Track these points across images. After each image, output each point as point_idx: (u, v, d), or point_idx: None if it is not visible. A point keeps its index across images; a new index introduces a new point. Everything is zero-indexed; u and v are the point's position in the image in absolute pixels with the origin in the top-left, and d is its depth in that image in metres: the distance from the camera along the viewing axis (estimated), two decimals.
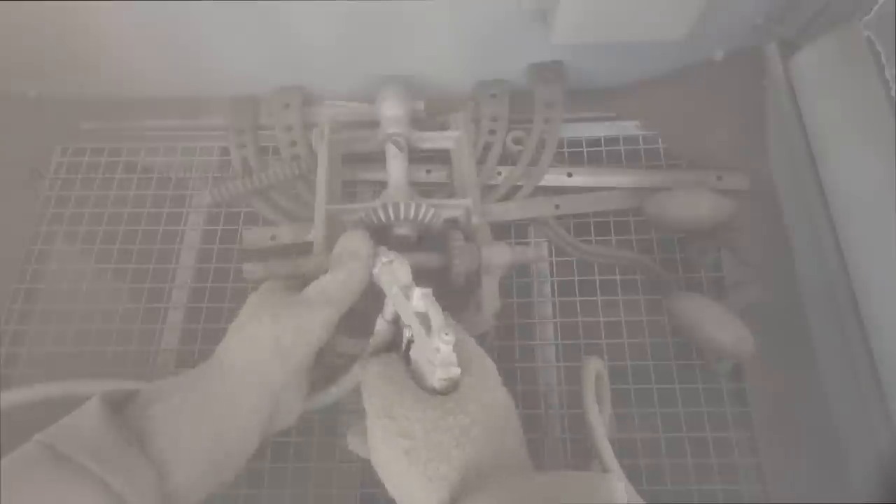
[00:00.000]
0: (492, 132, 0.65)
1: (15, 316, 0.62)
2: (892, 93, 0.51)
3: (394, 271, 0.44)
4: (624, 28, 0.54)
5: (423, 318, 0.39)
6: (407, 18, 0.58)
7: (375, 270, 0.45)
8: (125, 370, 0.59)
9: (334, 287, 0.43)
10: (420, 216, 0.53)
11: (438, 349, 0.36)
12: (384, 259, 0.45)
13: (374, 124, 0.63)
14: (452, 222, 0.58)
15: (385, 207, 0.52)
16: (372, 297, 0.48)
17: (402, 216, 0.53)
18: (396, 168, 0.59)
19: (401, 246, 0.54)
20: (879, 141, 0.51)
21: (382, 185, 0.59)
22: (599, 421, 0.43)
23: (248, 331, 0.41)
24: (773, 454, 0.54)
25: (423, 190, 0.65)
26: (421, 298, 0.40)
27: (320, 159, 0.60)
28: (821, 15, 0.57)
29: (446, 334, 0.36)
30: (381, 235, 0.55)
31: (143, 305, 0.62)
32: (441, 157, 0.65)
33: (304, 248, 0.62)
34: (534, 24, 0.58)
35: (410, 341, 0.42)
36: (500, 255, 0.53)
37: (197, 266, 0.63)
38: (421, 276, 0.51)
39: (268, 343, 0.40)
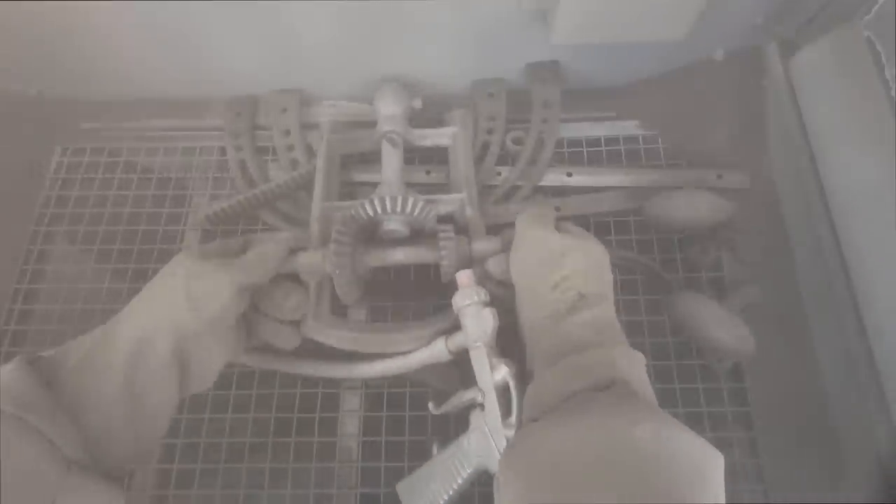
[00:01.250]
0: (490, 132, 0.65)
1: (15, 316, 0.62)
2: (892, 93, 0.51)
3: (484, 319, 0.45)
4: (624, 28, 0.54)
5: (502, 394, 0.42)
6: (406, 18, 0.58)
7: (464, 303, 0.46)
8: None
9: (251, 257, 0.46)
10: (409, 209, 0.51)
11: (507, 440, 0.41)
12: (476, 298, 0.45)
13: (372, 124, 0.63)
14: (447, 217, 0.56)
15: (372, 201, 0.51)
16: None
17: (389, 209, 0.51)
18: (390, 165, 0.58)
19: (391, 242, 0.53)
20: (879, 141, 0.51)
21: (380, 185, 0.59)
22: None
23: (163, 282, 0.43)
24: (773, 454, 0.54)
25: (423, 190, 0.65)
26: (510, 377, 0.42)
27: (319, 157, 0.60)
28: (821, 15, 0.57)
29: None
30: (372, 231, 0.54)
31: None
32: (440, 158, 0.65)
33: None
34: (533, 24, 0.58)
35: (479, 404, 0.44)
36: (490, 247, 0.51)
37: None
38: (411, 271, 0.51)
39: (181, 292, 0.42)
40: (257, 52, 0.63)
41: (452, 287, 0.49)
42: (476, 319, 0.45)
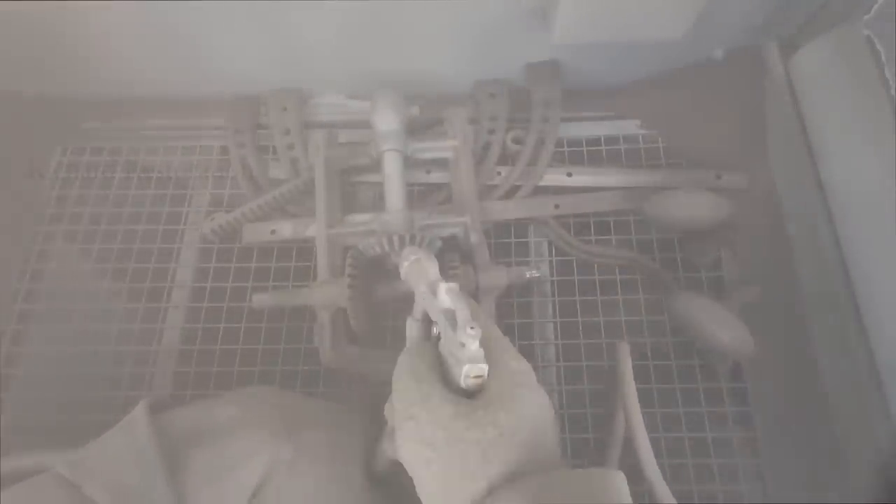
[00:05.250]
0: (491, 132, 0.65)
1: (15, 316, 0.62)
2: (892, 93, 0.51)
3: (422, 268, 0.43)
4: (623, 28, 0.54)
5: (450, 315, 0.37)
6: (406, 18, 0.58)
7: (404, 268, 0.45)
8: (125, 370, 0.59)
9: None
10: (417, 244, 0.53)
11: (464, 344, 0.33)
12: (412, 257, 0.44)
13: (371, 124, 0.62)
14: (451, 239, 0.58)
15: (381, 241, 0.52)
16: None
17: (397, 247, 0.52)
18: (393, 189, 0.58)
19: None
20: (879, 141, 0.51)
21: (381, 186, 0.59)
22: (638, 407, 0.45)
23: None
24: (773, 454, 0.54)
25: (423, 190, 0.65)
26: (447, 293, 0.38)
27: (318, 188, 0.59)
28: (821, 15, 0.57)
29: (472, 328, 0.33)
30: (381, 261, 0.56)
31: (143, 305, 0.62)
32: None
33: (304, 245, 0.62)
34: (533, 24, 0.58)
35: (439, 338, 0.40)
36: (496, 278, 0.54)
37: (197, 266, 0.63)
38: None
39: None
40: (257, 51, 0.63)
41: None
42: (417, 272, 0.43)
